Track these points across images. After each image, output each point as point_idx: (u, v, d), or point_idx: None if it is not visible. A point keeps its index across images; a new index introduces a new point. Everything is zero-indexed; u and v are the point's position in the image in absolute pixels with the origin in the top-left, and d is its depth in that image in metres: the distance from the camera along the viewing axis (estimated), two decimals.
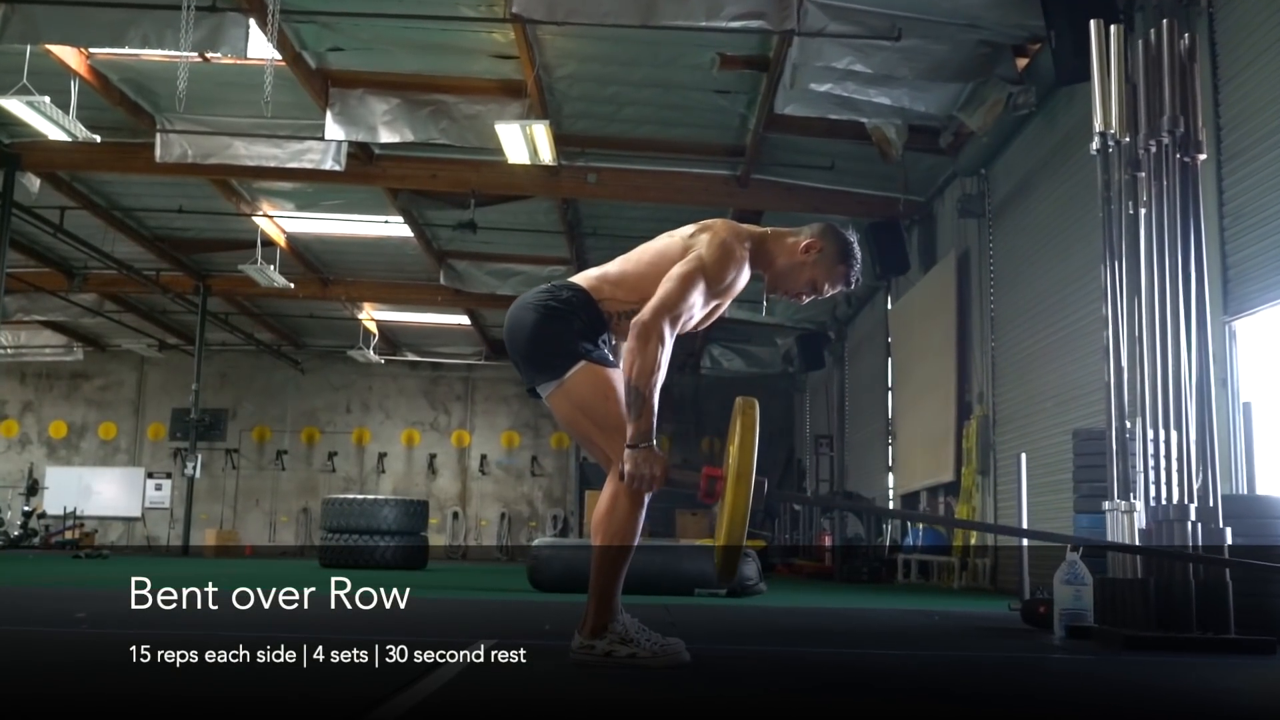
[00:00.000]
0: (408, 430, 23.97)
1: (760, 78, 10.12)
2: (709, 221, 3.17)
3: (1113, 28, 4.33)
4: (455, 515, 23.70)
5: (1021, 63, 9.17)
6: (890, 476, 14.89)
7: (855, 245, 3.20)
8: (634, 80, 10.51)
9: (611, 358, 3.07)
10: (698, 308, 3.02)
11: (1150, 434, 4.25)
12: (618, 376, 2.97)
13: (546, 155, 10.64)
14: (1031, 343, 9.90)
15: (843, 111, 9.89)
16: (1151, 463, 4.20)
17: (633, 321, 2.90)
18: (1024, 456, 6.55)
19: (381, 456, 23.88)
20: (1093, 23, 4.40)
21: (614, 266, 3.15)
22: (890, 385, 14.94)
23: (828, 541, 13.40)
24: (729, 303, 3.23)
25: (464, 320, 20.27)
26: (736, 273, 3.07)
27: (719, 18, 8.53)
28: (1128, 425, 4.32)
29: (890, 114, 9.86)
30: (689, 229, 3.16)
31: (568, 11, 8.69)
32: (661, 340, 2.87)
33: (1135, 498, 4.18)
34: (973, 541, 11.02)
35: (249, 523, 23.52)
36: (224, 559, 16.74)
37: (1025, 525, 6.47)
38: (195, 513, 21.48)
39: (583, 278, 3.16)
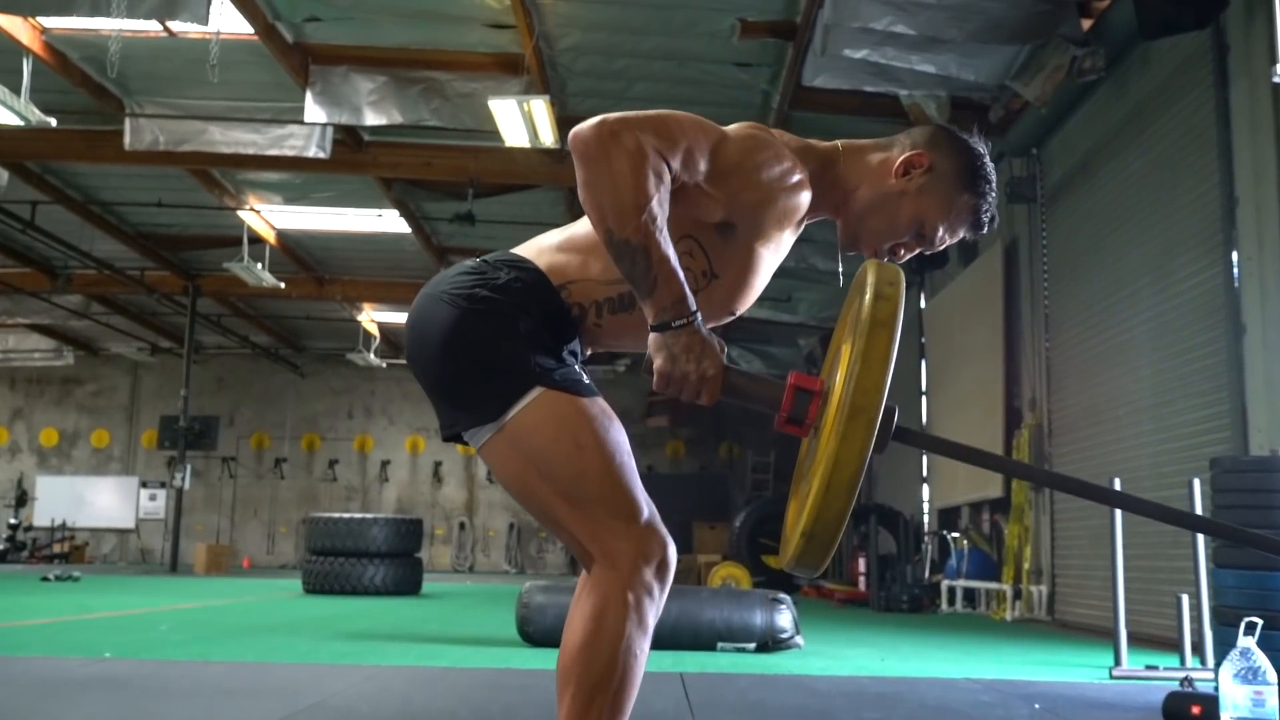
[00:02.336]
0: (412, 437, 22.90)
1: (785, 48, 9.04)
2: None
3: None
4: (462, 526, 22.62)
5: (1086, 23, 8.05)
6: (925, 489, 13.75)
7: (987, 158, 1.99)
8: (644, 51, 9.40)
9: (585, 378, 1.88)
10: (698, 167, 1.78)
11: None
12: (599, 409, 1.82)
13: (548, 136, 9.56)
14: (1096, 342, 8.75)
15: (879, 82, 8.77)
16: None
17: (570, 136, 1.76)
18: (1117, 482, 5.39)
19: (385, 464, 22.82)
20: None
21: (582, 224, 1.95)
22: (924, 390, 13.80)
23: (862, 565, 12.23)
24: (772, 253, 1.93)
25: None
26: (779, 179, 1.83)
27: None
28: None
29: (934, 84, 8.73)
30: None
31: None
32: (629, 151, 1.69)
33: None
34: (1025, 566, 9.87)
35: (247, 534, 22.50)
36: (215, 577, 15.72)
37: (1119, 567, 5.33)
38: (191, 524, 20.58)
39: (535, 250, 1.96)
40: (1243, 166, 6.64)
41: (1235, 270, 6.69)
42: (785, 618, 5.97)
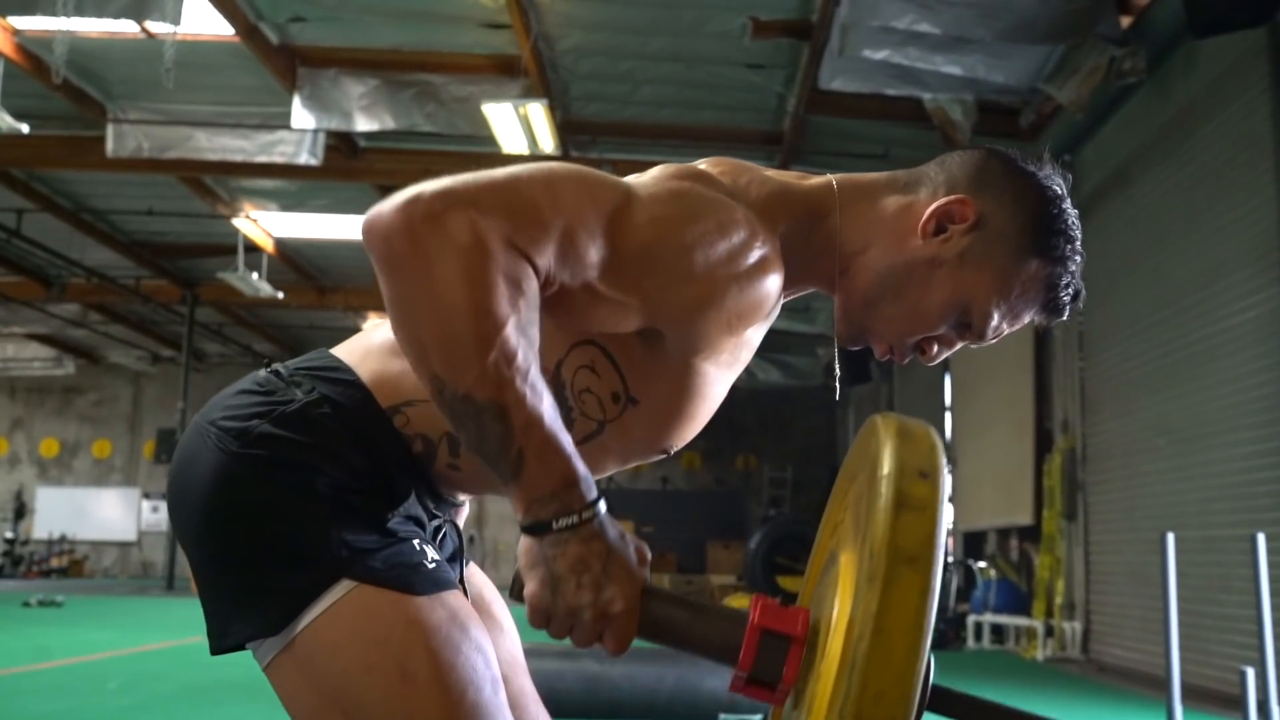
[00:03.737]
0: None
1: (801, 48, 8.45)
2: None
3: None
4: (471, 539, 22.02)
5: (1125, 21, 7.44)
6: (950, 509, 13.14)
7: (1068, 202, 1.32)
8: (651, 53, 8.83)
9: (429, 559, 1.21)
10: (587, 261, 1.13)
11: None
12: (444, 615, 1.17)
13: (547, 142, 9.03)
14: (1136, 364, 8.12)
15: (901, 85, 8.18)
16: None
17: (361, 226, 1.10)
18: (1171, 538, 4.76)
19: None
20: None
21: None
22: (948, 406, 13.19)
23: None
24: (722, 367, 1.29)
25: None
26: (731, 249, 1.18)
27: None
28: None
29: (960, 87, 8.13)
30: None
31: None
32: (460, 245, 1.02)
33: None
34: (1058, 601, 9.25)
35: None
36: None
37: (1174, 631, 4.72)
38: None
39: (360, 353, 1.30)
40: None
41: None
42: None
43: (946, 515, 0.93)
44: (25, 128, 9.12)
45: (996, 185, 1.28)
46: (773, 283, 1.22)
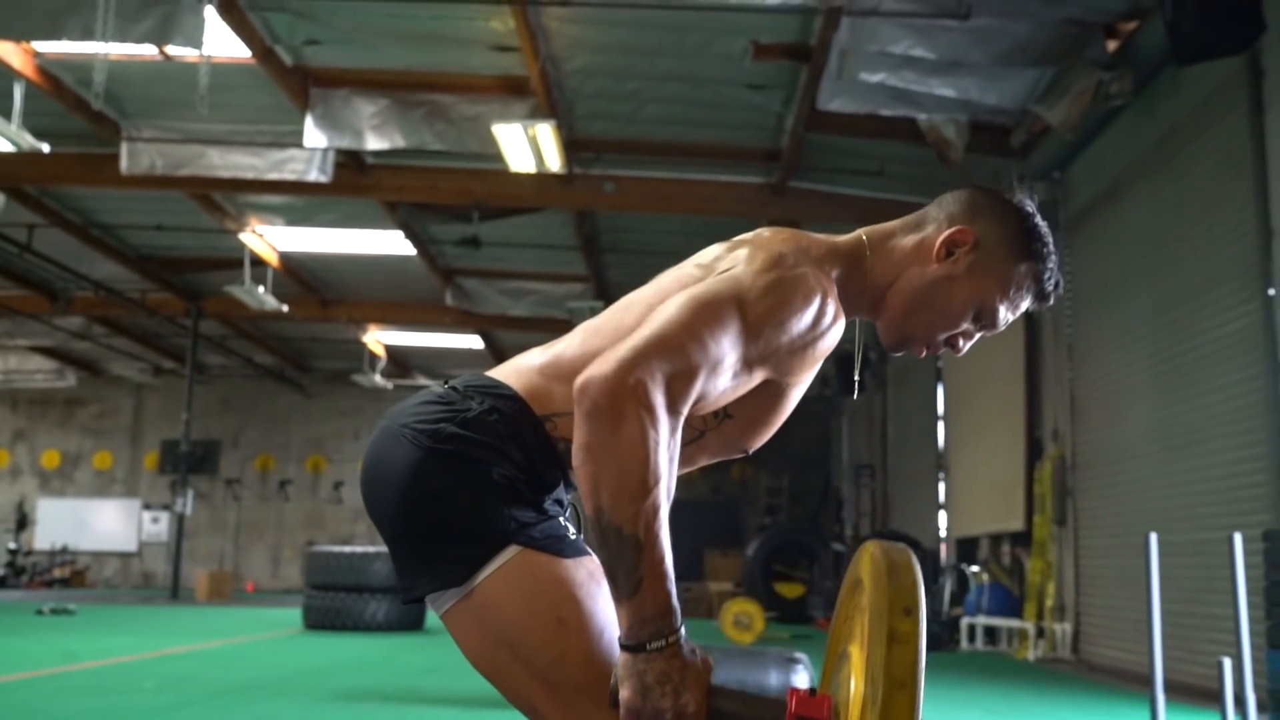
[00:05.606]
0: None
1: (800, 69, 8.74)
2: (750, 233, 1.67)
3: None
4: None
5: (1112, 45, 7.75)
6: (943, 516, 13.42)
7: (1037, 216, 1.67)
8: (656, 74, 9.13)
9: (573, 531, 1.57)
10: (727, 373, 1.47)
11: None
12: (585, 574, 1.50)
13: (554, 161, 9.30)
14: (1123, 374, 8.43)
15: (898, 106, 8.47)
16: None
17: (578, 384, 1.39)
18: (1154, 538, 5.05)
19: None
20: None
21: (571, 345, 1.63)
22: (942, 414, 13.49)
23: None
24: (799, 388, 1.65)
25: (477, 342, 18.94)
26: (814, 315, 1.53)
27: None
28: None
29: (955, 108, 8.42)
30: (714, 248, 1.66)
31: None
32: (645, 412, 1.36)
33: None
34: (1049, 604, 9.53)
35: (252, 557, 22.20)
36: (216, 604, 15.45)
37: (1158, 628, 4.99)
38: (194, 547, 20.32)
39: (514, 373, 1.63)
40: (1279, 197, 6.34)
41: (1272, 305, 6.38)
42: (802, 678, 5.62)
43: (923, 638, 1.26)
44: (46, 147, 9.34)
45: (984, 213, 1.65)
46: (840, 324, 1.60)
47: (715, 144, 10.51)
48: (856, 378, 1.93)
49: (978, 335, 1.69)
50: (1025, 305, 1.68)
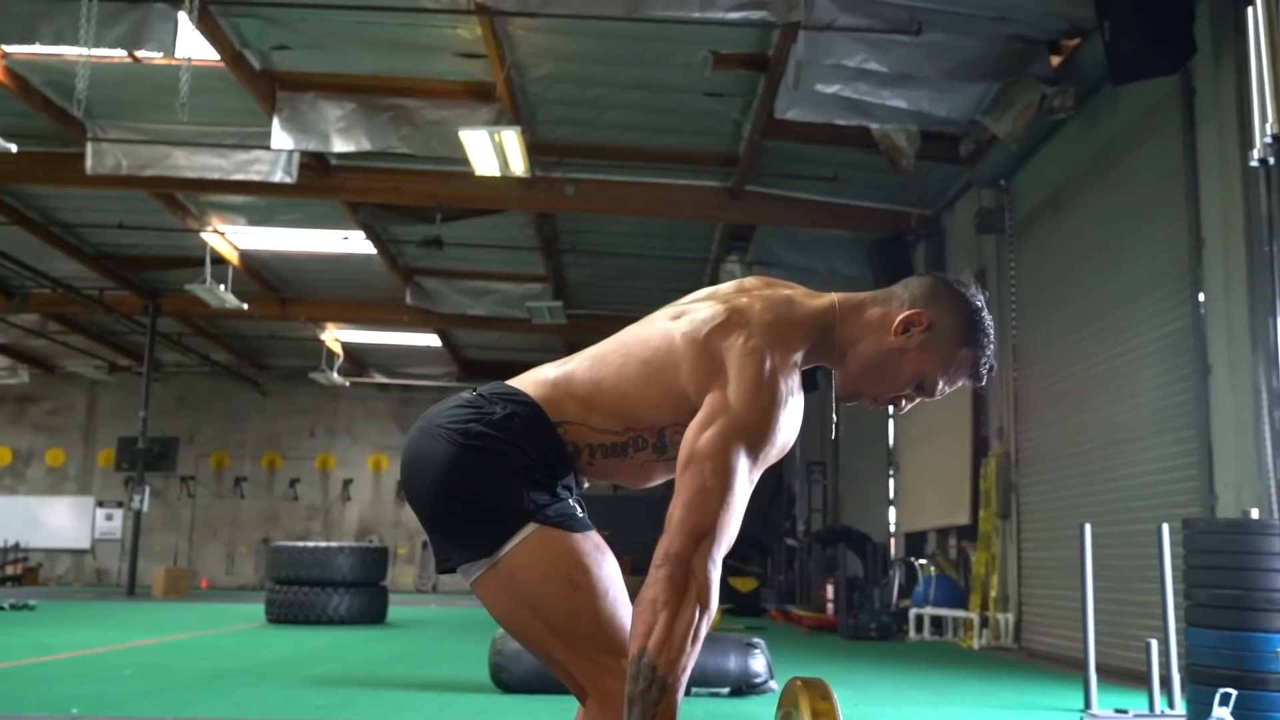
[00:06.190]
0: (375, 455, 22.71)
1: (758, 79, 9.06)
2: (728, 294, 1.95)
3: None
4: (425, 545, 22.44)
5: (1055, 61, 8.13)
6: (892, 511, 13.80)
7: (985, 312, 1.95)
8: (618, 81, 9.40)
9: (580, 512, 1.88)
10: (747, 493, 1.81)
11: None
12: (591, 545, 1.83)
13: (518, 166, 9.54)
14: (1064, 376, 8.82)
15: (852, 116, 8.81)
16: None
17: (661, 555, 1.71)
18: (1088, 529, 5.43)
19: (347, 483, 22.61)
20: None
21: (581, 368, 1.94)
22: (891, 413, 13.85)
23: (830, 591, 12.26)
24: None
25: (435, 341, 19.12)
26: (792, 417, 1.84)
27: (715, 8, 7.49)
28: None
29: (906, 118, 8.78)
30: (699, 312, 1.91)
31: (542, 2, 7.62)
32: (702, 590, 1.69)
33: None
34: (992, 594, 9.93)
35: (206, 554, 22.19)
36: (173, 600, 15.50)
37: (1090, 609, 5.36)
38: (149, 544, 20.26)
39: (531, 383, 1.94)
40: (1210, 208, 6.73)
41: (1202, 310, 6.78)
42: (759, 662, 5.96)
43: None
44: (14, 147, 9.44)
45: (941, 300, 1.93)
46: (800, 400, 1.88)
47: (674, 149, 10.79)
48: (834, 419, 2.25)
49: (916, 400, 1.99)
50: (960, 383, 1.98)
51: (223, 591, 19.77)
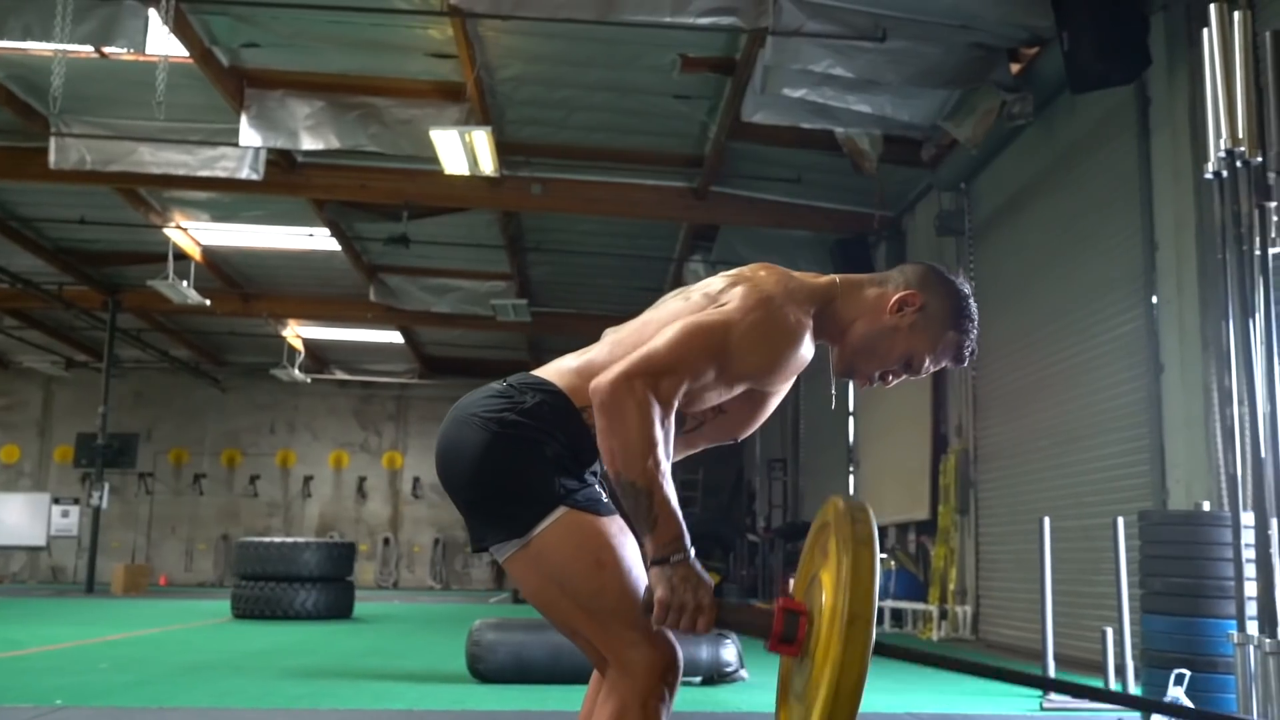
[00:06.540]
0: (336, 452, 22.68)
1: (725, 82, 9.21)
2: (748, 268, 2.10)
3: (1237, 14, 3.40)
4: (386, 541, 22.46)
5: (1015, 69, 8.35)
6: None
7: (971, 300, 2.14)
8: (587, 83, 9.52)
9: (604, 497, 2.02)
10: (711, 382, 1.94)
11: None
12: (616, 528, 1.96)
13: (488, 165, 9.62)
14: (1022, 375, 9.06)
15: (817, 120, 8.99)
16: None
17: (591, 387, 1.88)
18: (1047, 521, 5.64)
19: (307, 480, 22.55)
20: (1213, 7, 3.48)
21: (600, 353, 2.07)
22: (852, 410, 14.09)
23: (792, 585, 12.42)
24: (779, 395, 2.16)
25: (397, 337, 19.13)
26: (789, 347, 1.98)
27: (686, 13, 7.60)
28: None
29: (870, 123, 8.98)
30: (717, 280, 2.08)
31: (515, 4, 7.70)
32: (639, 402, 1.83)
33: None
34: (951, 587, 10.17)
35: (164, 551, 22.04)
36: (133, 598, 15.43)
37: (1049, 599, 5.57)
38: (106, 541, 20.10)
39: (556, 373, 2.06)
40: (1163, 214, 6.97)
41: (1155, 312, 7.02)
42: (730, 651, 6.12)
43: (875, 526, 1.75)
44: None
45: (933, 286, 2.12)
46: (809, 351, 2.06)
47: (641, 150, 10.92)
48: (833, 392, 2.42)
49: (903, 376, 2.17)
50: (945, 363, 2.15)
51: (182, 588, 19.66)
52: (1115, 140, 7.60)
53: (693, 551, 1.82)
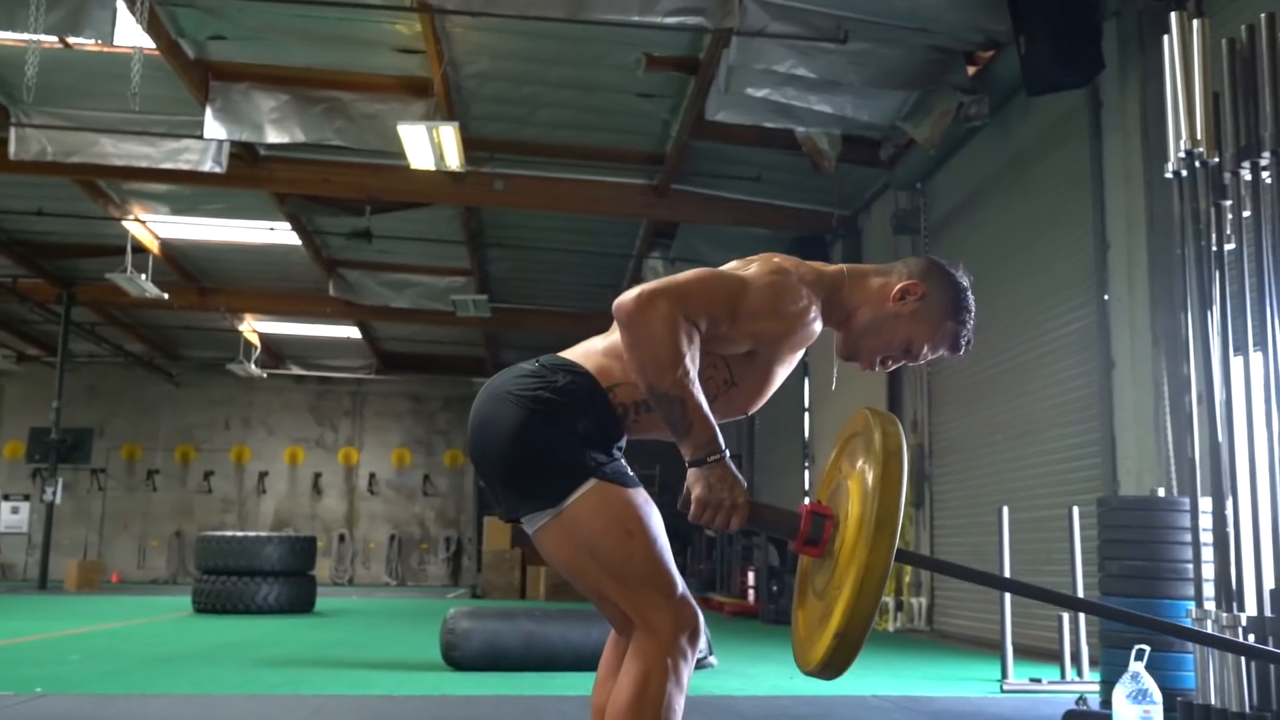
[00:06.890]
0: (291, 448, 22.58)
1: (688, 81, 9.36)
2: (761, 255, 2.24)
3: (1196, 21, 3.59)
4: (342, 538, 22.40)
5: (971, 71, 8.57)
6: (807, 502, 14.23)
7: (970, 292, 2.28)
8: (552, 80, 9.63)
9: (629, 470, 2.13)
10: (723, 333, 2.07)
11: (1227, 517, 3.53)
12: (642, 499, 2.07)
13: (454, 161, 9.69)
14: (976, 370, 9.29)
15: (779, 119, 9.16)
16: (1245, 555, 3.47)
17: (614, 307, 2.00)
18: (1005, 510, 5.86)
19: (262, 476, 22.43)
20: (1174, 15, 3.67)
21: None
22: (808, 407, 14.31)
23: (751, 578, 12.64)
24: (786, 368, 2.25)
25: (354, 333, 19.10)
26: (798, 315, 2.12)
27: (653, 12, 7.74)
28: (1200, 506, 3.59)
29: (830, 123, 9.17)
30: (732, 263, 2.23)
31: (486, 1, 7.81)
32: (664, 317, 1.97)
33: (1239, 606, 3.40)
34: (906, 580, 10.39)
35: (116, 548, 21.83)
36: (87, 594, 15.32)
37: (1008, 599, 5.76)
38: (57, 538, 19.85)
39: (584, 355, 2.19)
40: (1115, 214, 7.21)
41: (1107, 309, 7.26)
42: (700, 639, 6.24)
43: (904, 439, 1.90)
44: None
45: (935, 277, 2.27)
46: (818, 327, 2.21)
47: (603, 148, 11.03)
48: (834, 373, 2.56)
49: (901, 362, 2.31)
50: (942, 352, 2.29)
51: (135, 585, 19.51)
52: (1068, 142, 7.84)
53: (728, 453, 1.96)
